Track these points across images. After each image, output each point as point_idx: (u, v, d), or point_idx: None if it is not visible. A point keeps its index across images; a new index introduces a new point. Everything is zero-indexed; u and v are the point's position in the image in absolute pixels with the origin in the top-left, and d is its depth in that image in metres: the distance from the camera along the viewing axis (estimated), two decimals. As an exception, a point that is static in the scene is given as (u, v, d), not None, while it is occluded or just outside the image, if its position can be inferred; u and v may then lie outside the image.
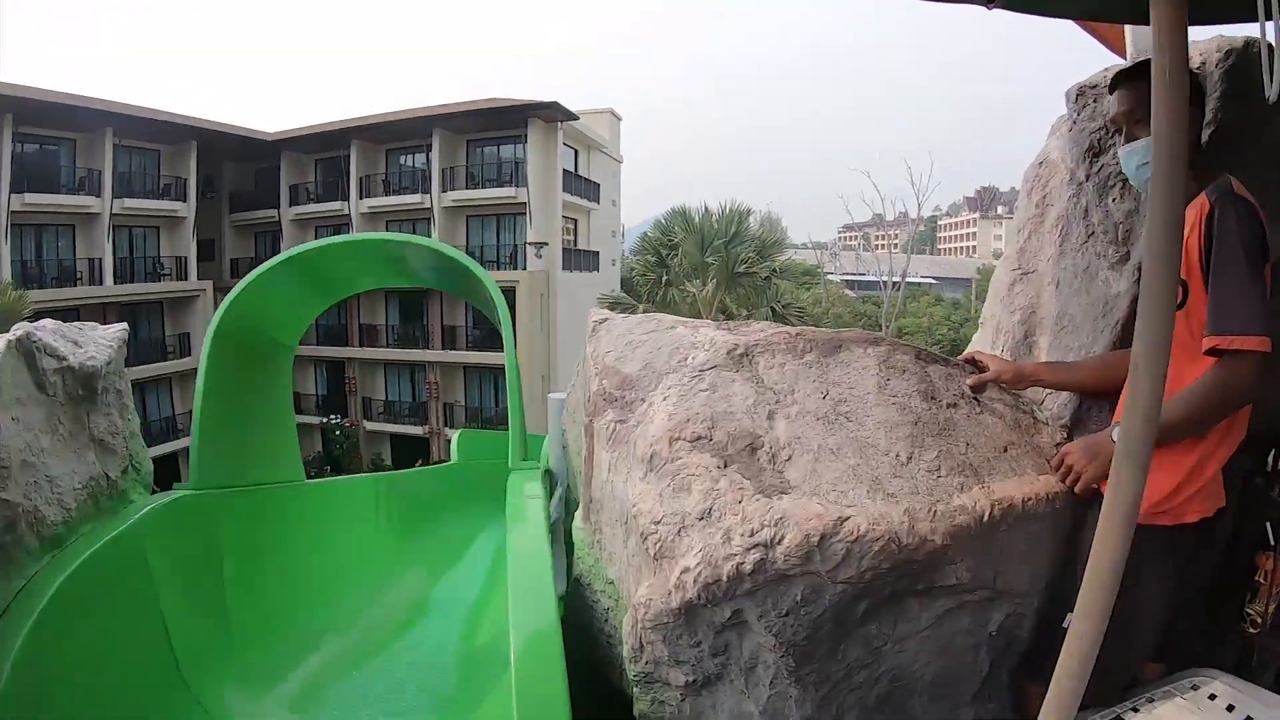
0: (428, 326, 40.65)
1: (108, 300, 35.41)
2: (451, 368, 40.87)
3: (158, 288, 38.18)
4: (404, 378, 42.71)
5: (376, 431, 42.67)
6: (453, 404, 41.09)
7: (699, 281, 24.70)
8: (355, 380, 42.40)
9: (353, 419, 42.49)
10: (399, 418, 42.37)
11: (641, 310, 25.82)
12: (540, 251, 38.24)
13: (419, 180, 40.66)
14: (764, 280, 24.78)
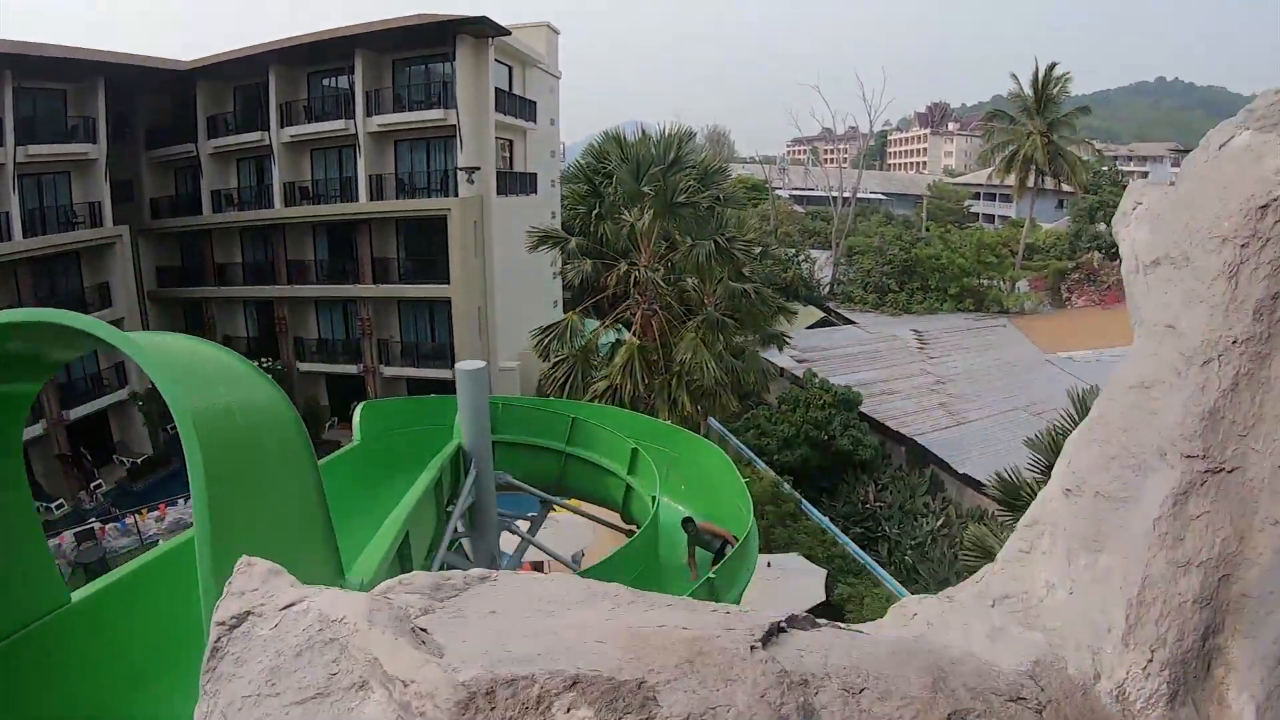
0: (358, 259, 39.10)
1: (18, 257, 33.48)
2: (385, 303, 39.69)
3: (72, 237, 36.11)
4: (336, 315, 41.42)
5: (311, 372, 41.47)
6: (387, 340, 39.95)
7: (637, 210, 22.95)
8: (286, 320, 40.92)
9: (286, 360, 41.11)
10: (333, 357, 41.21)
11: (574, 244, 24.51)
12: (473, 176, 36.54)
13: (343, 105, 38.56)
14: (706, 210, 23.11)
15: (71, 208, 36.43)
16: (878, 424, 32.83)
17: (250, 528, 3.64)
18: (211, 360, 4.07)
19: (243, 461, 3.72)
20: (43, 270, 35.32)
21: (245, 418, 3.88)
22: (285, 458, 4.28)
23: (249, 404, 4.00)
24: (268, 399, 4.27)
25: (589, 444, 12.11)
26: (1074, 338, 44.14)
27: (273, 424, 4.24)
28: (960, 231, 59.25)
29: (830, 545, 24.29)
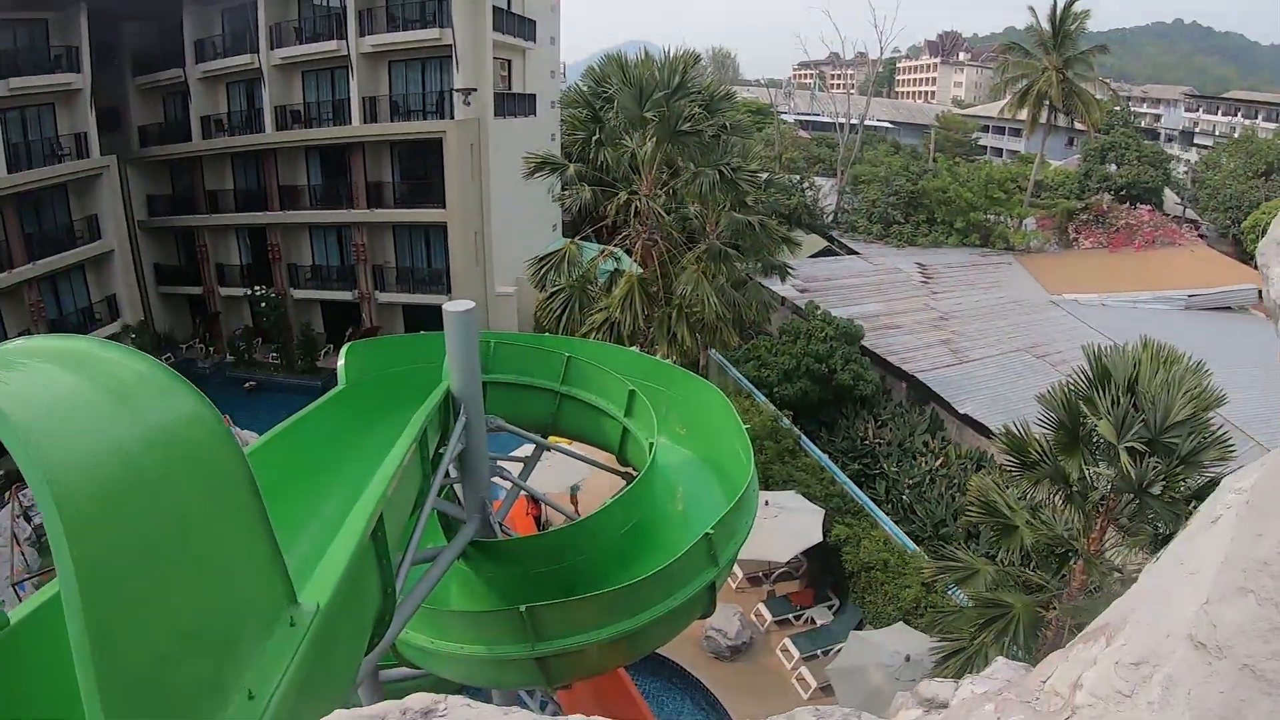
0: (352, 184, 38.46)
1: (3, 192, 32.99)
2: (379, 228, 39.17)
3: (57, 170, 35.54)
4: (330, 241, 40.89)
5: (305, 299, 41.23)
6: (382, 266, 39.61)
7: (638, 136, 22.13)
8: (279, 247, 40.51)
9: (279, 287, 40.83)
10: (327, 283, 40.89)
11: (572, 171, 23.79)
12: (469, 98, 35.68)
13: (334, 25, 37.42)
14: (711, 138, 22.28)
15: (57, 140, 35.80)
16: (879, 359, 32.36)
17: (148, 607, 2.96)
18: (92, 380, 3.21)
19: (138, 517, 2.99)
20: (29, 205, 34.85)
21: (147, 450, 3.15)
22: (209, 488, 3.55)
23: (155, 429, 3.27)
24: (184, 414, 3.50)
25: (584, 384, 11.59)
26: (1081, 279, 43.46)
27: (189, 447, 3.48)
28: (968, 164, 58.12)
29: (829, 484, 23.97)
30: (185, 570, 3.21)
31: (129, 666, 2.77)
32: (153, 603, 2.97)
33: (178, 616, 3.11)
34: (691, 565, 8.68)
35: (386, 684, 10.66)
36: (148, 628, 2.94)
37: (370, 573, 5.88)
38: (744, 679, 19.79)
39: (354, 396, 10.90)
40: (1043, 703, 2.59)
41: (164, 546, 3.09)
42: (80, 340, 3.59)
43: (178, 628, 3.10)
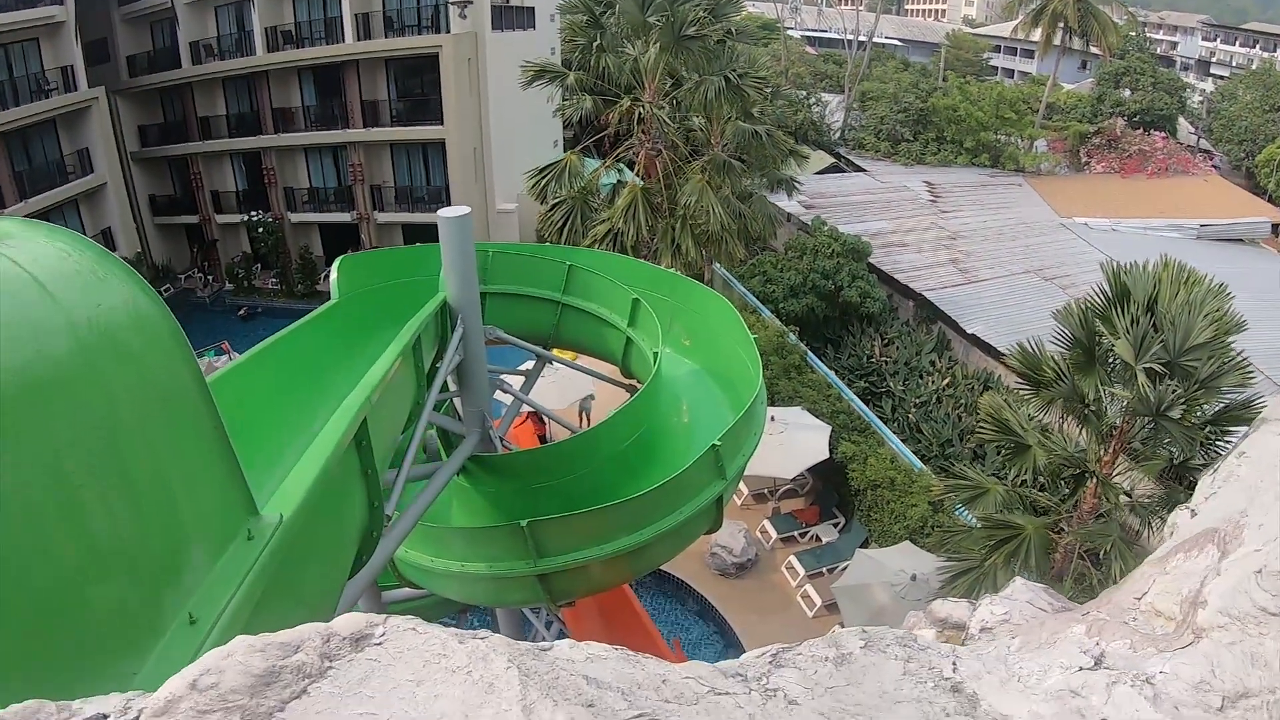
0: (347, 103, 37.57)
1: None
2: (376, 147, 38.41)
3: (46, 105, 34.73)
4: (326, 163, 40.07)
5: (303, 222, 40.64)
6: (381, 186, 38.91)
7: (641, 43, 21.37)
8: (274, 170, 39.74)
9: (277, 212, 40.19)
10: (325, 206, 40.17)
11: (572, 79, 23.07)
12: (465, 11, 34.61)
13: (323, -63, 36.18)
14: (716, 44, 21.52)
15: (43, 74, 34.92)
16: (886, 276, 31.88)
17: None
18: (11, 262, 2.75)
19: (49, 424, 2.59)
20: (17, 143, 34.19)
21: (72, 349, 2.71)
22: (148, 393, 3.11)
23: (84, 325, 2.80)
24: (122, 309, 3.03)
25: (587, 293, 11.19)
26: (1092, 203, 42.66)
27: (126, 347, 3.03)
28: (979, 84, 56.87)
29: (835, 400, 23.69)
30: (108, 483, 2.79)
31: (26, 592, 2.41)
32: (61, 519, 2.58)
33: (95, 535, 2.71)
34: (698, 478, 8.41)
35: (390, 605, 10.49)
36: (51, 547, 2.55)
37: (352, 484, 5.55)
38: (749, 596, 19.74)
39: (346, 311, 10.51)
40: (1144, 623, 2.23)
41: (81, 457, 2.67)
42: (5, 221, 3.15)
43: (95, 547, 2.70)
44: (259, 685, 1.58)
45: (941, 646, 2.38)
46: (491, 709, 1.38)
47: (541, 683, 1.45)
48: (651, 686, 1.67)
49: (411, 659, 1.56)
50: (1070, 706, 1.95)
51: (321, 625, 1.70)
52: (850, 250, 29.51)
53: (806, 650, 2.20)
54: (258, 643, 1.65)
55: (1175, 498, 12.24)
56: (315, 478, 4.37)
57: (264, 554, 3.54)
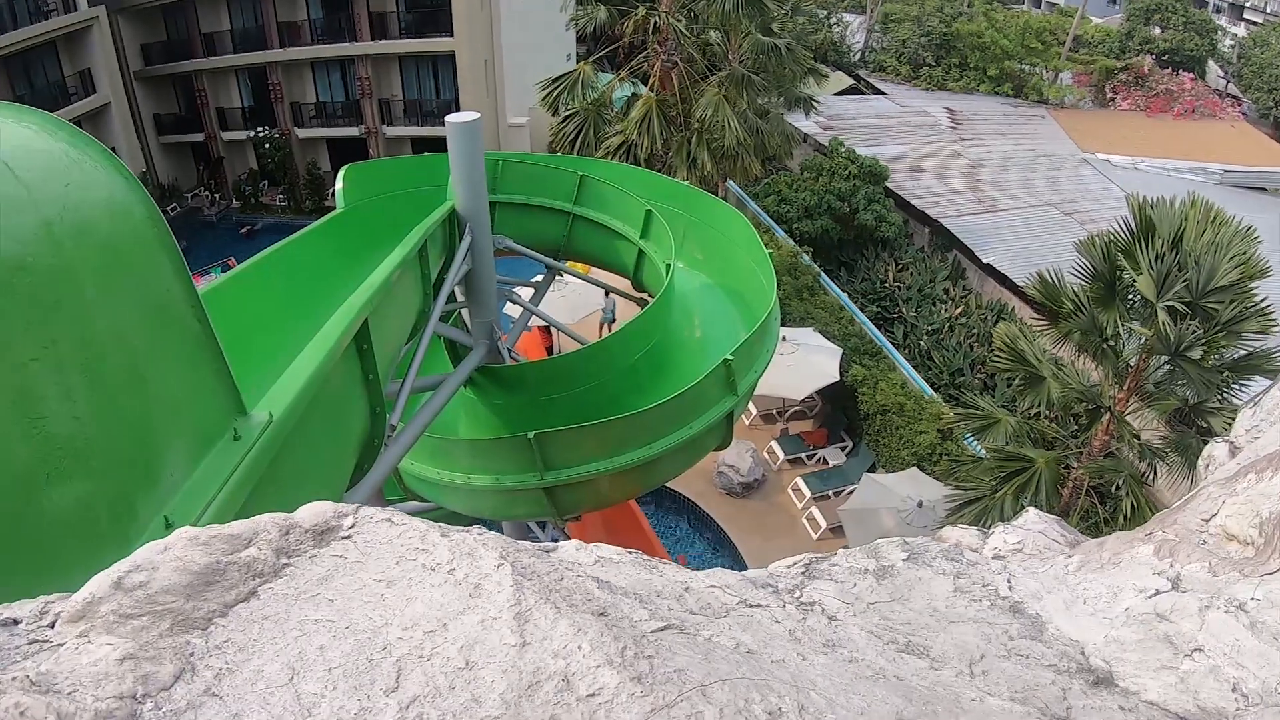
0: (354, 15, 36.87)
1: None
2: (385, 60, 37.80)
3: (46, 26, 34.17)
4: (334, 77, 39.53)
5: (310, 138, 40.18)
6: (389, 99, 38.39)
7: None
8: (280, 85, 39.13)
9: (283, 128, 39.69)
10: (332, 121, 39.77)
11: None
12: (477, -81, 33.49)
13: None
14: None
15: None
16: (903, 201, 31.27)
17: None
18: None
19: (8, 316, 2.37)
20: (18, 66, 33.76)
21: (41, 240, 2.47)
22: (124, 287, 2.88)
23: (56, 214, 2.56)
24: (99, 198, 2.81)
25: (599, 204, 10.89)
26: (1115, 140, 41.59)
27: (103, 238, 2.81)
28: (1006, 11, 55.35)
29: (848, 323, 23.43)
30: (71, 375, 2.57)
31: None
32: (12, 411, 2.36)
33: (53, 431, 2.47)
34: (709, 393, 8.24)
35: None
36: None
37: (353, 388, 5.35)
38: (754, 516, 19.74)
39: (352, 221, 10.29)
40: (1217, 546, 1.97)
41: (40, 344, 2.44)
42: None
43: (53, 444, 2.47)
44: (198, 585, 1.33)
45: (992, 563, 2.13)
46: (476, 615, 1.13)
47: (541, 585, 1.19)
48: (673, 595, 1.42)
49: (384, 555, 1.31)
50: (1157, 632, 1.71)
51: (281, 515, 1.44)
52: (867, 173, 28.95)
53: (843, 561, 1.95)
54: (202, 534, 1.39)
55: (1186, 441, 12.11)
56: (310, 377, 4.14)
57: (251, 454, 3.34)
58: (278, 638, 1.20)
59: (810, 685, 1.17)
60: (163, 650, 1.29)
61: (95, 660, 1.27)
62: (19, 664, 1.29)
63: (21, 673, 1.25)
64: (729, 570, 1.73)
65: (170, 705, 1.19)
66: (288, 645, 1.17)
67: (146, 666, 1.26)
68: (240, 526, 1.47)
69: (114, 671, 1.24)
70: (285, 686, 1.10)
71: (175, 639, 1.32)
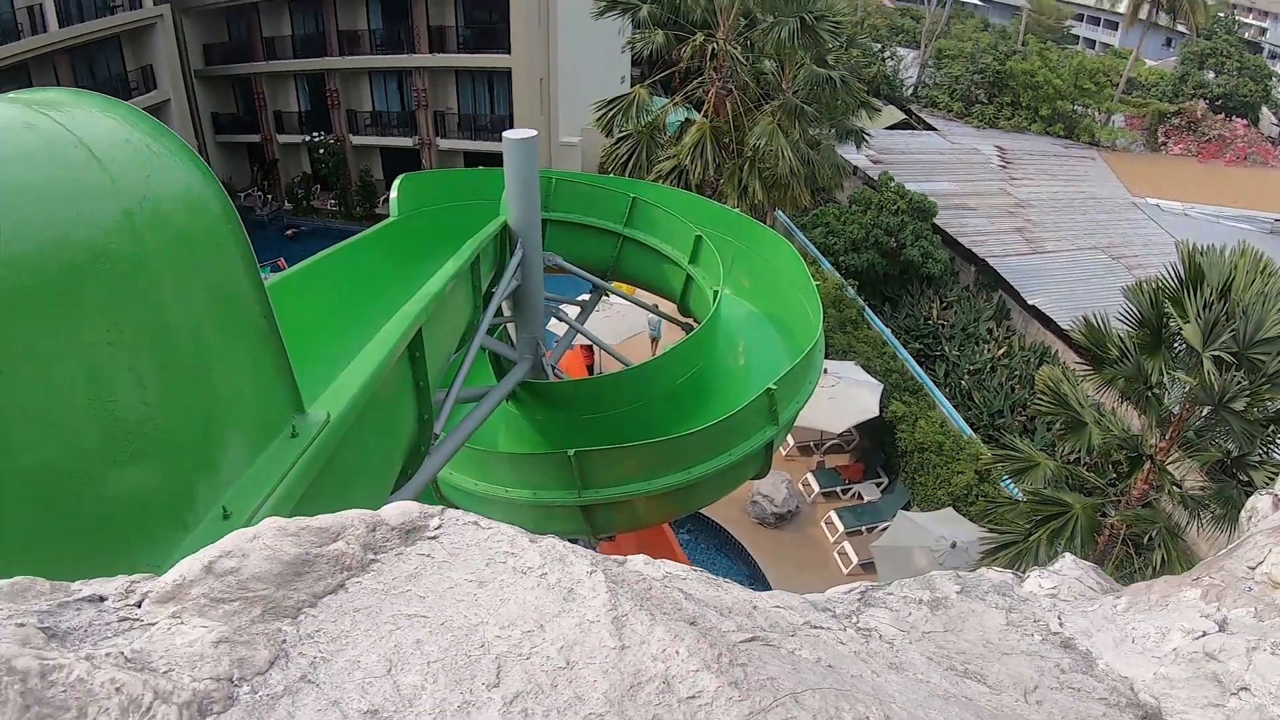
0: (413, 28, 37.26)
1: (55, 47, 32.68)
2: (441, 73, 38.15)
3: (110, 21, 34.81)
4: (391, 87, 39.93)
5: (364, 145, 40.62)
6: (444, 112, 38.73)
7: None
8: (338, 93, 39.70)
9: (338, 134, 40.21)
10: (387, 129, 40.15)
11: (645, 12, 22.60)
12: (538, -61, 33.92)
13: None
14: (796, -16, 20.95)
15: None
16: (950, 239, 31.16)
17: None
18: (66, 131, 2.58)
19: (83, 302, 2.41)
20: (82, 58, 34.50)
21: (120, 227, 2.54)
22: (196, 278, 2.95)
23: (136, 202, 2.64)
24: (177, 190, 2.89)
25: (649, 227, 10.96)
26: (1165, 185, 41.16)
27: (178, 229, 2.87)
28: (1060, 51, 55.05)
29: (890, 359, 23.34)
30: (141, 361, 2.63)
31: (35, 468, 2.22)
32: (83, 393, 2.40)
33: (122, 415, 2.52)
34: (750, 421, 8.25)
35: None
36: (69, 421, 2.37)
37: (404, 394, 5.44)
38: (786, 548, 19.63)
39: (405, 229, 10.46)
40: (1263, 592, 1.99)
41: (113, 328, 2.50)
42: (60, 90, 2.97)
43: (120, 427, 2.52)
44: (287, 575, 1.39)
45: (1043, 599, 2.16)
46: (573, 618, 1.18)
47: (633, 592, 1.24)
48: (743, 612, 1.47)
49: (473, 557, 1.36)
50: (1205, 671, 1.74)
51: (367, 512, 1.50)
52: (916, 209, 28.88)
53: (897, 590, 1.99)
54: (291, 525, 1.45)
55: (1227, 493, 11.90)
56: (366, 380, 4.22)
57: (308, 452, 3.40)
58: (371, 630, 1.25)
59: (890, 699, 1.22)
60: (256, 636, 1.35)
61: (190, 641, 1.32)
62: (111, 640, 1.34)
63: (115, 649, 1.30)
64: (790, 593, 1.77)
65: (266, 690, 1.24)
66: (382, 638, 1.22)
67: (241, 650, 1.31)
68: (328, 520, 1.53)
69: (209, 654, 1.30)
70: (384, 677, 1.15)
71: (267, 625, 1.37)
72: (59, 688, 1.17)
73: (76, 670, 1.20)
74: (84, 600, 1.43)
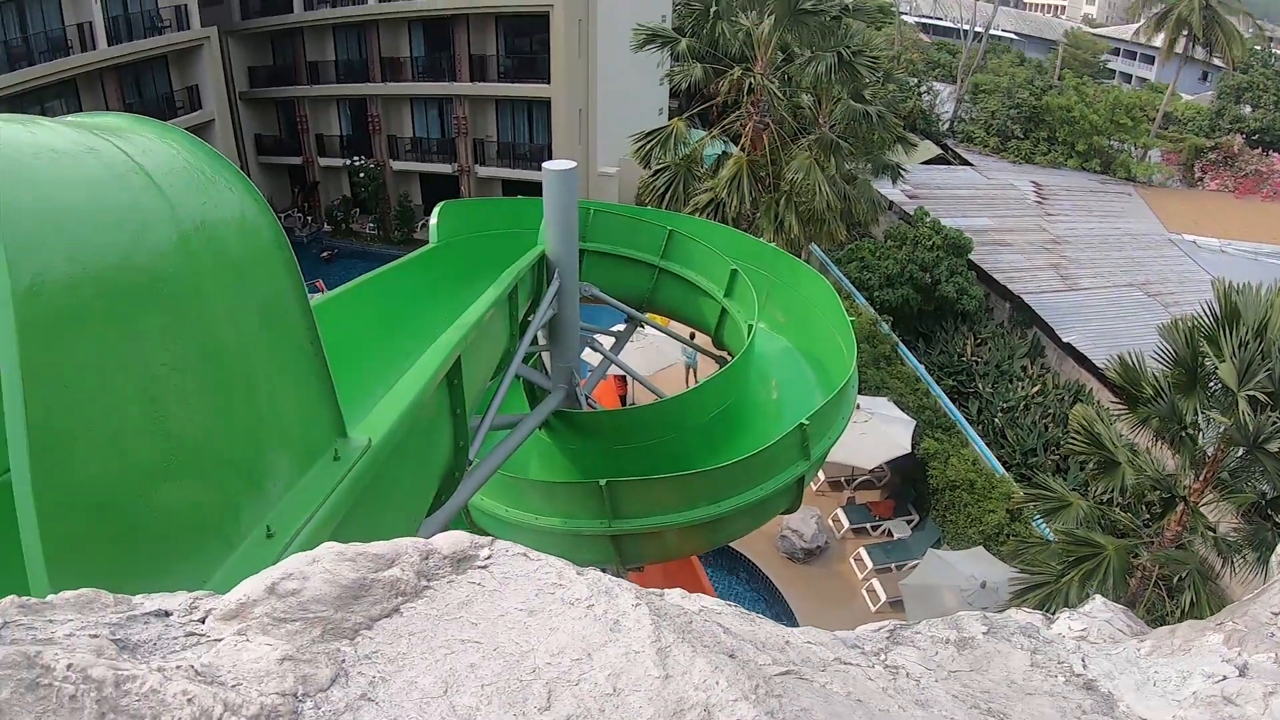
0: (455, 56, 37.79)
1: (104, 65, 33.41)
2: (482, 101, 38.57)
3: (158, 42, 35.70)
4: (431, 114, 40.44)
5: (404, 171, 41.14)
6: (483, 140, 39.12)
7: (755, 14, 21.05)
8: (379, 118, 40.29)
9: (379, 159, 40.75)
10: (427, 156, 40.60)
11: (684, 45, 22.87)
12: (578, -29, 34.34)
13: (438, -113, 36.42)
14: (833, 20, 21.08)
15: (157, 12, 35.82)
16: (985, 275, 31.03)
17: None
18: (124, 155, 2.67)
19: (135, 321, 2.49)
20: (130, 76, 35.35)
21: (175, 247, 2.64)
22: (247, 300, 3.05)
23: (191, 225, 2.74)
24: (231, 213, 3.00)
25: (685, 260, 11.05)
26: (1202, 221, 40.68)
27: (231, 251, 2.98)
28: (1096, 86, 54.77)
29: (923, 395, 23.24)
30: (194, 382, 2.71)
31: (91, 481, 2.30)
32: (138, 411, 2.48)
33: (174, 433, 2.60)
34: (782, 456, 8.28)
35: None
36: (124, 438, 2.43)
37: (441, 420, 5.54)
38: (814, 583, 19.53)
39: (444, 256, 10.62)
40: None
41: (168, 350, 2.59)
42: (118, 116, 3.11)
43: (172, 445, 2.59)
44: (345, 598, 1.47)
45: (1067, 641, 2.21)
46: (619, 648, 1.25)
47: (675, 625, 1.32)
48: (776, 647, 1.54)
49: (522, 586, 1.44)
50: (1222, 715, 1.78)
51: (420, 540, 1.58)
52: (951, 244, 28.81)
53: (925, 630, 2.05)
54: (348, 551, 1.54)
55: (1262, 535, 11.75)
56: (406, 408, 4.31)
57: (350, 475, 3.48)
58: (427, 654, 1.33)
59: (916, 735, 1.29)
60: (318, 654, 1.44)
61: (256, 658, 1.40)
62: (179, 653, 1.43)
63: (185, 662, 1.38)
64: (820, 629, 1.84)
65: (329, 706, 1.32)
66: (438, 661, 1.30)
67: (305, 668, 1.40)
68: (384, 547, 1.61)
69: (275, 670, 1.38)
70: (440, 698, 1.23)
71: (327, 645, 1.46)
72: (133, 697, 1.24)
73: (149, 681, 1.28)
74: (150, 614, 1.51)
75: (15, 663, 1.20)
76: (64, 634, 1.34)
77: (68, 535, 2.20)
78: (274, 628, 1.46)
